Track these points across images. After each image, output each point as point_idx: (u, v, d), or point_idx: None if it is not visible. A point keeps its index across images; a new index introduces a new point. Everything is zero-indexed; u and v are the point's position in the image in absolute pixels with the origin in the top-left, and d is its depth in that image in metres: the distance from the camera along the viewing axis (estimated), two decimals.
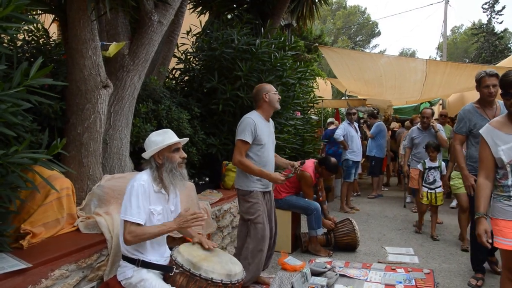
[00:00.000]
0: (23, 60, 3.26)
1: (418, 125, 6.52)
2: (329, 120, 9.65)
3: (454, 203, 7.45)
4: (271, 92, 3.68)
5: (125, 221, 2.46)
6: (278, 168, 4.00)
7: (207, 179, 5.28)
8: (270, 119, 3.84)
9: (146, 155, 2.66)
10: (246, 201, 3.63)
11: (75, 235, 2.86)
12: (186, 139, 2.84)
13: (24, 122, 2.44)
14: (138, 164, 4.03)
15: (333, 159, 5.07)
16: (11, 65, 2.49)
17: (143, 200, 2.50)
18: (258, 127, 3.55)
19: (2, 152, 2.02)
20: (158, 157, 2.64)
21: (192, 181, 4.98)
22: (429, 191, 5.60)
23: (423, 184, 5.69)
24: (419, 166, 5.83)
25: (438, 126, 6.38)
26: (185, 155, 2.73)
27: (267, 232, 3.61)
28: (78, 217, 3.04)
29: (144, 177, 2.58)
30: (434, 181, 5.63)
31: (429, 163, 5.70)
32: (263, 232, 3.57)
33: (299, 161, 3.89)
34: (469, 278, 4.01)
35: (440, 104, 12.96)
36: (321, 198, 5.26)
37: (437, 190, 5.59)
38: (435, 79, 8.96)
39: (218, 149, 5.16)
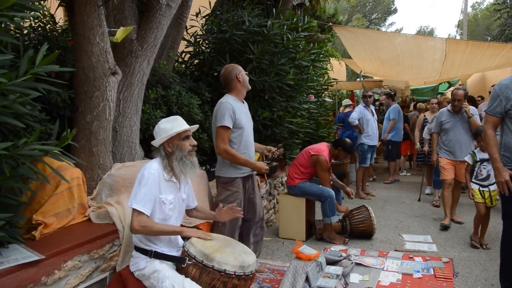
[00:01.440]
0: (30, 48, 3.20)
1: (449, 107, 5.65)
2: (344, 102, 9.45)
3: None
4: (242, 72, 3.58)
5: (133, 208, 2.42)
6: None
7: None
8: (244, 100, 3.74)
9: (155, 143, 2.60)
10: (226, 189, 3.56)
11: (87, 225, 2.83)
12: (196, 126, 2.76)
13: (33, 112, 2.38)
14: (148, 151, 3.98)
15: (347, 139, 5.01)
16: (18, 54, 2.43)
17: (152, 189, 2.45)
18: (236, 111, 3.45)
19: (11, 144, 1.97)
20: (167, 145, 2.57)
21: (204, 168, 4.93)
22: (482, 188, 4.56)
23: (473, 180, 4.67)
24: (467, 159, 4.79)
25: (472, 109, 5.63)
26: (195, 142, 2.65)
27: (239, 223, 3.58)
28: (89, 207, 3.01)
29: (154, 166, 2.52)
30: (488, 176, 4.60)
31: (480, 155, 4.68)
32: (237, 222, 3.54)
33: (278, 147, 3.77)
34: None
35: (460, 85, 12.65)
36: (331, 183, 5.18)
37: (491, 187, 4.54)
38: (455, 59, 8.67)
39: None
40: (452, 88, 13.85)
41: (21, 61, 2.17)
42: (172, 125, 2.56)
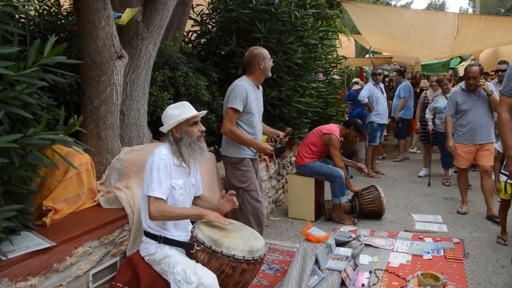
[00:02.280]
0: (36, 33, 3.17)
1: (463, 85, 5.09)
2: (354, 80, 9.31)
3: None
4: (267, 59, 3.52)
5: (149, 196, 2.42)
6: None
7: None
8: (260, 87, 3.71)
9: (163, 129, 2.58)
10: (237, 169, 3.56)
11: (96, 210, 2.84)
12: (204, 112, 2.73)
13: (40, 101, 2.36)
14: (156, 134, 3.97)
15: (358, 120, 5.04)
16: (24, 38, 2.39)
17: (164, 174, 2.46)
18: (249, 96, 3.44)
19: (20, 135, 1.96)
20: (176, 131, 2.56)
21: (212, 148, 4.92)
22: (510, 181, 3.86)
23: (502, 171, 3.96)
24: (497, 146, 4.40)
25: (491, 86, 5.05)
26: (203, 128, 2.63)
27: (261, 197, 3.62)
28: (99, 192, 3.01)
29: (163, 152, 2.52)
30: None
31: None
32: (257, 197, 3.57)
33: (286, 132, 3.77)
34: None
35: (473, 59, 12.39)
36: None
37: None
38: (467, 34, 8.45)
39: None
40: (463, 63, 13.60)
41: (28, 51, 2.14)
42: (180, 111, 2.54)
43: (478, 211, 5.05)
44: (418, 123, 7.12)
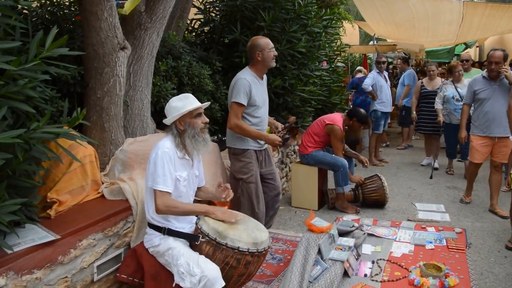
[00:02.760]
0: (39, 25, 3.14)
1: (484, 73, 4.75)
2: (357, 68, 9.24)
3: None
4: (266, 50, 3.45)
5: (155, 190, 2.43)
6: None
7: None
8: (265, 76, 3.68)
9: (167, 121, 2.58)
10: (238, 160, 3.57)
11: (100, 202, 2.85)
12: (207, 104, 2.72)
13: (43, 94, 2.36)
14: (160, 123, 3.97)
15: (362, 110, 4.90)
16: (26, 31, 2.38)
17: (168, 167, 2.46)
18: (252, 88, 3.41)
19: (24, 130, 1.96)
20: (179, 123, 2.55)
21: (215, 137, 4.92)
22: None
23: None
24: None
25: None
26: (207, 120, 2.63)
27: (260, 193, 3.58)
28: (103, 183, 3.02)
29: (167, 144, 2.52)
30: None
31: None
32: (255, 191, 3.55)
33: (290, 121, 3.74)
34: (505, 242, 3.81)
35: (477, 46, 12.26)
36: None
37: None
38: (472, 21, 8.34)
39: None
40: (468, 50, 13.46)
41: (30, 43, 2.13)
42: (183, 103, 2.53)
43: (481, 201, 5.05)
44: (414, 112, 6.94)
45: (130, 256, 2.63)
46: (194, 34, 5.55)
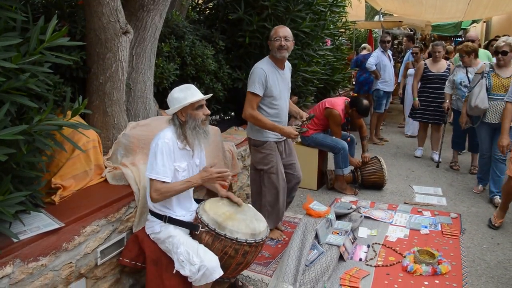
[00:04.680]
0: (40, 9, 3.11)
1: None
2: (362, 45, 9.12)
3: None
4: (272, 39, 3.38)
5: (151, 179, 2.48)
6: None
7: (232, 113, 5.23)
8: (286, 63, 3.57)
9: (169, 112, 2.60)
10: (258, 152, 3.55)
11: (103, 187, 2.90)
12: (209, 95, 2.73)
13: (44, 84, 2.37)
14: (163, 103, 3.98)
15: (365, 101, 4.78)
16: (27, 18, 2.36)
17: (168, 158, 2.50)
18: (269, 78, 3.33)
19: (26, 126, 1.99)
20: (181, 114, 2.58)
21: (217, 116, 4.93)
22: None
23: None
24: None
25: None
26: (208, 112, 2.65)
27: (281, 182, 3.57)
28: (106, 167, 3.08)
29: (168, 135, 2.55)
30: None
31: None
32: (277, 182, 3.54)
33: (309, 115, 3.66)
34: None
35: (484, 22, 12.04)
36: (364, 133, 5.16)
37: None
38: (481, 0, 8.16)
39: (244, 83, 5.00)
40: (475, 25, 13.22)
41: (31, 30, 2.13)
42: (185, 95, 2.54)
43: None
44: (416, 98, 6.22)
45: (132, 241, 2.71)
46: (198, 10, 5.47)
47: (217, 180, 2.63)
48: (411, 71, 7.09)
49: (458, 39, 14.60)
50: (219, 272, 2.38)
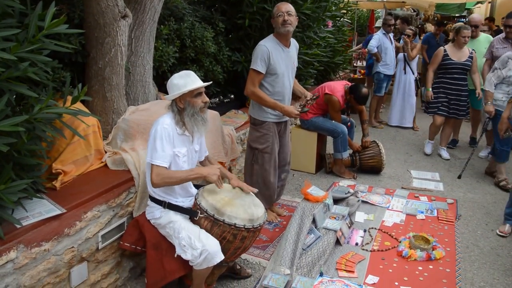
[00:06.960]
0: None
1: None
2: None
3: None
4: (275, 16, 3.36)
5: (151, 164, 2.51)
6: (292, 94, 3.78)
7: (232, 96, 5.23)
8: (292, 41, 3.56)
9: (167, 98, 2.61)
10: (256, 130, 3.58)
11: (104, 172, 2.94)
12: (208, 83, 2.73)
13: (41, 72, 2.37)
14: (162, 86, 3.99)
15: (364, 89, 4.75)
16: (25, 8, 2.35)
17: (167, 143, 2.52)
18: (272, 56, 3.32)
19: (26, 117, 2.01)
20: (179, 101, 2.59)
21: (217, 99, 4.94)
22: None
23: None
24: None
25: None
26: (207, 99, 2.66)
27: (273, 163, 3.62)
28: (106, 152, 3.10)
29: (167, 121, 2.56)
30: None
31: None
32: (269, 162, 3.59)
33: (313, 95, 3.65)
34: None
35: (489, 2, 11.88)
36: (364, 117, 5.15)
37: None
38: None
39: (244, 66, 4.99)
40: (479, 5, 13.04)
41: (30, 15, 2.11)
42: (184, 82, 2.54)
43: (476, 171, 5.15)
44: (430, 89, 5.50)
45: (132, 226, 2.77)
46: None
47: (218, 183, 2.63)
48: (401, 55, 6.96)
49: (462, 19, 14.46)
50: (220, 257, 2.44)
